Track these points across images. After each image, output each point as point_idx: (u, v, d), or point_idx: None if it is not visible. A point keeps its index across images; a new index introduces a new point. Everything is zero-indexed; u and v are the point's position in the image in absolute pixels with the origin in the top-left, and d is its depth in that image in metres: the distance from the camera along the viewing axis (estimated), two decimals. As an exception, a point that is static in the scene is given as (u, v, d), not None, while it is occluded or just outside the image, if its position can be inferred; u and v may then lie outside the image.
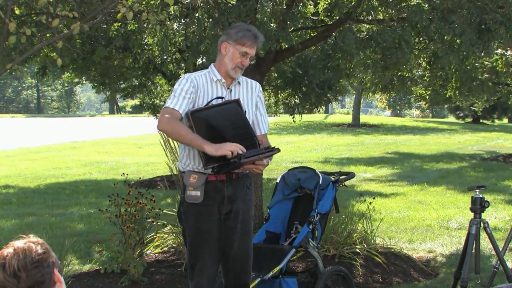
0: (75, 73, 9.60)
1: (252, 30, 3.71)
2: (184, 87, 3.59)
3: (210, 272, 3.63)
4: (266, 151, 3.59)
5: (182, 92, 3.57)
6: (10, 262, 2.01)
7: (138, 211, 5.30)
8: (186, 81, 3.63)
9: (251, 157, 3.47)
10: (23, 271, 2.00)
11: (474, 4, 5.57)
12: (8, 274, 2.01)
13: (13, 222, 8.55)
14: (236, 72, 3.67)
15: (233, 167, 3.51)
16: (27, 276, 2.01)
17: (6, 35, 4.29)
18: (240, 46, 3.62)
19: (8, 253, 2.04)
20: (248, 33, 3.65)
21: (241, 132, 3.58)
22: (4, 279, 2.01)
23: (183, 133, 3.47)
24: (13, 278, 2.00)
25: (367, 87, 11.46)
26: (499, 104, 30.08)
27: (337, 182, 4.92)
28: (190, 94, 3.58)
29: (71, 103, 69.74)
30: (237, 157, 3.41)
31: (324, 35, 7.03)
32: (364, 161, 15.86)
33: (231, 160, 3.42)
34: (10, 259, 2.02)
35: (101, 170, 14.86)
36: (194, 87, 3.61)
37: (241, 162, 3.41)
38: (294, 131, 26.26)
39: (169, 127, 3.50)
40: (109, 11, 4.82)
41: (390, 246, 6.46)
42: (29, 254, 2.03)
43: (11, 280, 2.00)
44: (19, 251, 2.03)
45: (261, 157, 3.56)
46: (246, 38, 3.62)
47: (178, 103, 3.53)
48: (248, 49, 3.63)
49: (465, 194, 10.22)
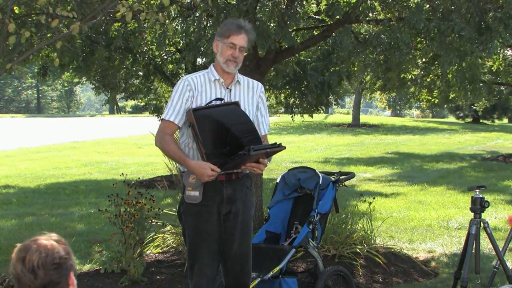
0: (75, 74, 9.58)
1: (236, 22, 3.74)
2: (181, 93, 3.64)
3: (210, 272, 3.63)
4: (273, 146, 3.60)
5: (179, 101, 3.63)
6: (30, 258, 2.03)
7: (137, 211, 5.29)
8: (183, 86, 3.66)
9: (259, 150, 3.47)
10: (42, 269, 2.02)
11: (473, 3, 5.56)
12: (26, 268, 2.03)
13: (13, 222, 8.55)
14: (229, 66, 3.67)
15: (240, 161, 3.50)
16: (44, 275, 2.03)
17: (6, 35, 4.29)
18: (226, 38, 3.64)
19: (29, 247, 2.05)
20: (232, 25, 3.68)
21: (244, 126, 3.59)
22: (21, 272, 2.03)
23: (171, 154, 3.69)
24: (31, 273, 2.02)
25: (367, 87, 11.46)
26: (499, 104, 30.09)
27: (337, 182, 4.92)
28: (186, 99, 3.63)
29: (71, 103, 69.74)
30: (246, 149, 3.41)
31: (324, 35, 7.03)
32: (364, 161, 15.85)
33: (240, 153, 3.43)
34: (31, 254, 2.04)
35: (101, 170, 14.86)
36: (191, 90, 3.64)
37: (250, 154, 3.41)
38: (294, 131, 26.26)
39: (161, 145, 3.69)
40: (109, 11, 4.82)
41: (390, 246, 6.45)
42: (51, 254, 2.05)
43: (28, 275, 2.03)
44: (41, 249, 2.05)
45: (269, 151, 3.58)
46: (230, 30, 3.65)
47: (174, 113, 3.62)
48: (235, 40, 3.63)
49: (465, 194, 10.22)
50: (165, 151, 3.71)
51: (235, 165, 3.56)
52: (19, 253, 2.06)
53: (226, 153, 3.51)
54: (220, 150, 3.52)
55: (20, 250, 2.07)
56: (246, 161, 3.52)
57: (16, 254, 2.07)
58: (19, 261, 2.05)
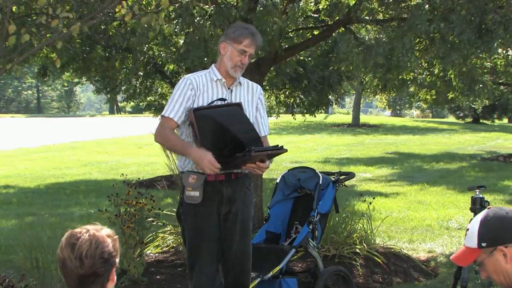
0: (75, 74, 9.58)
1: (249, 28, 3.72)
2: (183, 91, 3.62)
3: (210, 273, 3.63)
4: (274, 148, 3.60)
5: (180, 98, 3.61)
6: (81, 245, 2.06)
7: (138, 211, 5.30)
8: (185, 84, 3.64)
9: (260, 152, 3.47)
10: (90, 259, 2.05)
11: (474, 4, 5.55)
12: (74, 255, 2.05)
13: (13, 222, 8.55)
14: (236, 71, 3.67)
15: (241, 161, 3.50)
16: (90, 265, 2.06)
17: (5, 35, 4.29)
18: (238, 44, 3.63)
19: (81, 235, 2.08)
20: (245, 31, 3.66)
21: (245, 127, 3.59)
22: (68, 257, 2.06)
23: (172, 145, 3.67)
24: (78, 261, 2.05)
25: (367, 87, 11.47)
26: (499, 104, 30.08)
27: (337, 182, 4.92)
28: (187, 98, 3.61)
29: (71, 103, 69.71)
30: (247, 150, 3.41)
31: (324, 35, 7.03)
32: (364, 161, 15.85)
33: (241, 153, 3.43)
34: (82, 242, 2.06)
35: (101, 170, 14.86)
36: (193, 89, 3.63)
37: (252, 155, 3.41)
38: (294, 131, 26.26)
39: (162, 139, 3.66)
40: (108, 12, 4.82)
41: (390, 246, 6.45)
42: (101, 246, 2.08)
43: (74, 262, 2.05)
44: (93, 239, 2.08)
45: (270, 153, 3.57)
46: (244, 36, 3.63)
47: (174, 110, 3.60)
48: (246, 47, 3.63)
49: (465, 194, 10.22)
50: (166, 143, 3.71)
51: (235, 165, 3.56)
52: (70, 238, 2.09)
53: (225, 154, 3.51)
54: (219, 150, 3.52)
55: (72, 235, 2.09)
56: (247, 162, 3.52)
57: (67, 239, 2.09)
58: (68, 246, 2.07)
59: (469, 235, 2.30)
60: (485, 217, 2.27)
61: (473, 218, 2.39)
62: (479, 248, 2.25)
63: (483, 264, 2.27)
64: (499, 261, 2.23)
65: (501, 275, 2.24)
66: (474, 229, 2.27)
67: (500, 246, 2.22)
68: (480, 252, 2.26)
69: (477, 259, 2.29)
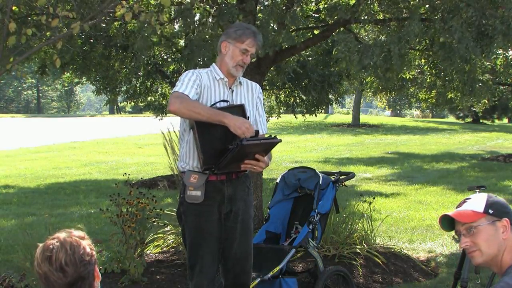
0: (75, 74, 9.58)
1: (250, 28, 3.73)
2: (192, 78, 3.59)
3: (210, 272, 3.63)
4: (267, 138, 3.59)
5: (190, 82, 3.56)
6: (57, 256, 2.02)
7: (139, 211, 5.30)
8: (192, 74, 3.63)
9: (252, 141, 3.43)
10: (71, 266, 2.02)
11: (473, 7, 5.55)
12: (54, 267, 2.01)
13: (13, 222, 8.55)
14: (238, 70, 3.68)
15: (236, 156, 3.46)
16: (73, 272, 2.02)
17: (5, 35, 4.29)
18: (240, 43, 3.64)
19: (54, 246, 2.04)
20: (247, 30, 3.67)
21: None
22: (49, 272, 2.02)
23: (199, 110, 3.44)
24: (59, 272, 2.01)
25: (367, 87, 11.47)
26: (499, 104, 30.06)
27: (337, 182, 4.92)
28: (197, 85, 3.57)
29: (71, 103, 69.73)
30: (238, 140, 3.39)
31: (324, 35, 7.03)
32: (364, 161, 15.85)
33: (232, 145, 3.41)
34: (57, 252, 2.02)
35: (101, 170, 14.85)
36: (200, 80, 3.62)
37: (243, 144, 3.38)
38: (294, 131, 26.27)
39: (182, 106, 3.43)
40: (109, 11, 4.82)
41: (390, 246, 6.46)
42: (78, 250, 2.04)
43: (56, 274, 2.01)
44: (67, 246, 2.04)
45: (263, 142, 3.53)
46: (245, 35, 3.64)
47: (187, 89, 3.52)
48: (249, 46, 3.64)
49: (465, 194, 10.21)
50: (193, 108, 3.44)
51: (233, 161, 3.52)
52: (44, 251, 2.05)
53: (223, 150, 3.49)
54: (220, 153, 3.50)
55: (45, 249, 2.05)
56: (242, 156, 3.50)
57: (41, 254, 2.05)
58: (45, 261, 2.03)
59: (473, 202, 2.37)
60: (489, 195, 2.38)
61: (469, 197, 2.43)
62: (484, 213, 2.32)
63: (476, 230, 2.31)
64: (498, 232, 2.31)
65: (492, 244, 2.30)
66: (481, 197, 2.36)
67: (506, 218, 2.32)
68: (483, 217, 2.32)
69: (473, 223, 2.33)
